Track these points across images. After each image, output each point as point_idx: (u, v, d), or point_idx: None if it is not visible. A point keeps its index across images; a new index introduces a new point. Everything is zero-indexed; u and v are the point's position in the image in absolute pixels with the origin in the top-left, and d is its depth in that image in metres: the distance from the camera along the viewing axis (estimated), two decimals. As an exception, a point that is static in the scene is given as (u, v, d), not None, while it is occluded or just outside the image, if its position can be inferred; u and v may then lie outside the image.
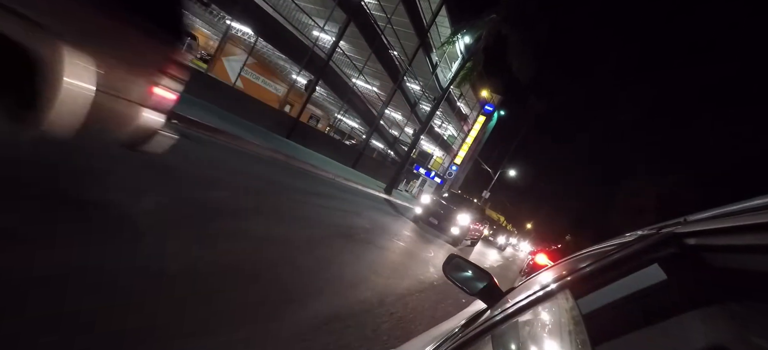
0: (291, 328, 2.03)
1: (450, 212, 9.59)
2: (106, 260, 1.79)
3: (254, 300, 2.14)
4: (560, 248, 11.92)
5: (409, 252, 5.95)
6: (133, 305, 1.60)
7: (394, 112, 23.82)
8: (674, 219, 0.68)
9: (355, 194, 9.75)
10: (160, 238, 2.26)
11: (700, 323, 0.57)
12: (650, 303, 0.63)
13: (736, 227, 0.46)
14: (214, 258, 2.35)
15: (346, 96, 14.96)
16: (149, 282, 1.80)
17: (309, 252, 3.42)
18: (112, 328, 1.43)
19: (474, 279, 1.25)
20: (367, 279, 3.44)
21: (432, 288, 4.34)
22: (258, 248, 2.90)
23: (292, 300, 2.35)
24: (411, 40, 16.97)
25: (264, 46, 13.57)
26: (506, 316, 0.78)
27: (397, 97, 19.19)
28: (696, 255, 0.56)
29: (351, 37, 15.13)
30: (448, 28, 17.03)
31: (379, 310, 2.90)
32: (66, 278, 1.54)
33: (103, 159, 2.90)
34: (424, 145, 30.25)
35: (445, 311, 3.68)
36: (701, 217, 0.57)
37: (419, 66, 19.19)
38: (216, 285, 2.09)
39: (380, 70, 16.95)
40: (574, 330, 0.54)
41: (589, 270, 0.75)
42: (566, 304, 0.65)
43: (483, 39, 13.47)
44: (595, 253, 1.09)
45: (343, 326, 2.33)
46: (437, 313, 3.55)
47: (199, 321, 1.73)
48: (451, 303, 4.03)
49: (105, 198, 2.41)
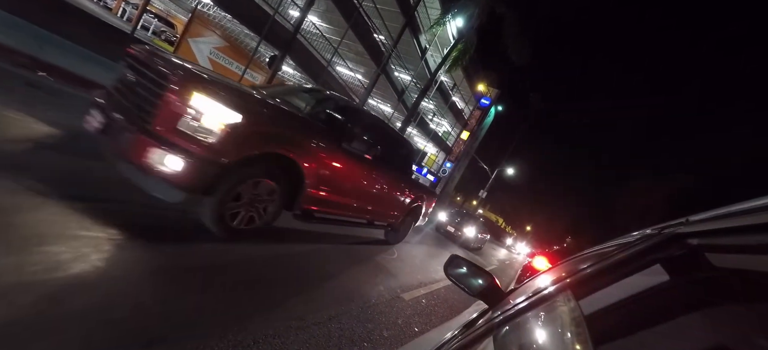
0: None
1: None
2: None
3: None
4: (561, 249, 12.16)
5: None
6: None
7: (382, 104, 23.71)
8: (676, 220, 0.71)
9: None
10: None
11: (703, 324, 0.60)
12: (653, 303, 0.66)
13: (738, 227, 0.48)
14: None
15: (321, 77, 14.71)
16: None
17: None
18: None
19: (475, 280, 1.30)
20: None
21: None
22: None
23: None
24: (397, 20, 16.75)
25: (232, 24, 13.21)
26: (508, 317, 0.81)
27: (385, 87, 19.03)
28: (699, 256, 0.58)
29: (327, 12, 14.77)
30: (437, 9, 16.89)
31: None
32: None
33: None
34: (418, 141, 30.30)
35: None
36: (704, 217, 0.59)
37: (408, 51, 19.03)
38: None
39: (362, 53, 16.61)
40: (576, 331, 0.57)
41: (591, 271, 0.79)
42: (568, 305, 0.68)
43: (476, 17, 13.44)
44: (597, 254, 1.14)
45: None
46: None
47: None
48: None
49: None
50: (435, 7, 17.66)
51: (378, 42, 16.85)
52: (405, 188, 5.59)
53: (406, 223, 6.30)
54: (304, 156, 3.12)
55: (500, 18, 13.73)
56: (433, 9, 17.97)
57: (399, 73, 20.19)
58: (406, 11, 16.36)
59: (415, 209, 6.29)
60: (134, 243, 2.28)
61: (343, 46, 15.90)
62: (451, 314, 4.35)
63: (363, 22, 15.12)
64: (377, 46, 16.84)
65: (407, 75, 20.61)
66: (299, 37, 13.20)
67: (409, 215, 6.14)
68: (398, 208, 5.59)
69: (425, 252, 7.93)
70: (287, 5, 13.70)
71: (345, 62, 16.85)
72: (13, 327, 1.36)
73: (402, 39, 16.94)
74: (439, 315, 4.19)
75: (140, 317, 1.72)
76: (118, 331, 1.58)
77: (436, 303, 4.55)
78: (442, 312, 4.33)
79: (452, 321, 1.70)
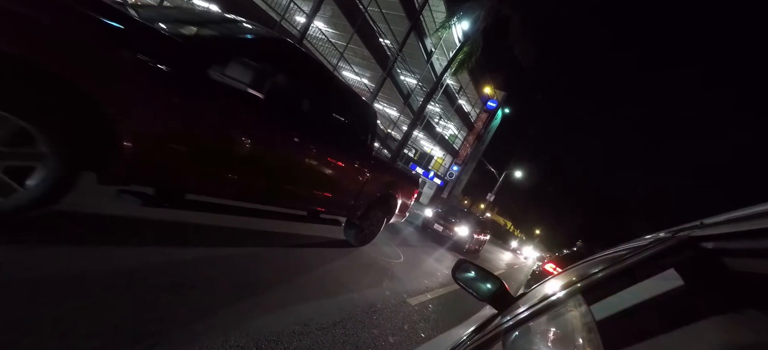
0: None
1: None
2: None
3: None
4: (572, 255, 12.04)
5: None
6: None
7: (388, 108, 23.79)
8: (690, 223, 0.70)
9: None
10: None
11: (719, 330, 0.58)
12: (666, 309, 0.65)
13: (755, 230, 0.47)
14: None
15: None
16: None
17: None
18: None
19: (484, 284, 1.29)
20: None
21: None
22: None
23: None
24: (402, 24, 16.82)
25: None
26: (517, 322, 0.80)
27: (391, 90, 19.11)
28: (714, 260, 0.57)
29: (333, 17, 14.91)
30: (443, 13, 16.94)
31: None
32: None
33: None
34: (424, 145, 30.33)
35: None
36: (718, 220, 0.59)
37: (413, 55, 19.12)
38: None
39: (368, 57, 16.73)
40: (587, 337, 0.57)
41: (602, 275, 0.78)
42: (579, 310, 0.67)
43: (481, 19, 13.43)
44: (609, 258, 1.13)
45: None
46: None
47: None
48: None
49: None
50: (440, 11, 17.74)
51: (383, 46, 16.94)
52: (362, 166, 4.01)
53: (373, 219, 4.80)
54: (107, 78, 1.70)
55: (506, 19, 13.71)
56: (438, 12, 18.06)
57: (405, 76, 20.29)
58: (412, 15, 16.44)
59: (386, 200, 4.75)
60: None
61: (349, 50, 16.03)
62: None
63: (368, 26, 15.21)
64: (383, 50, 16.94)
65: (413, 78, 20.68)
66: (306, 43, 13.33)
67: (377, 207, 4.66)
68: (351, 195, 4.00)
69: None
70: (294, 11, 13.87)
71: (351, 67, 16.96)
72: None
73: (407, 43, 17.05)
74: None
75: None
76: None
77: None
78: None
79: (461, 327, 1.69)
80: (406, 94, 20.26)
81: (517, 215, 73.71)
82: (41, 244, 1.93)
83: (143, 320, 1.74)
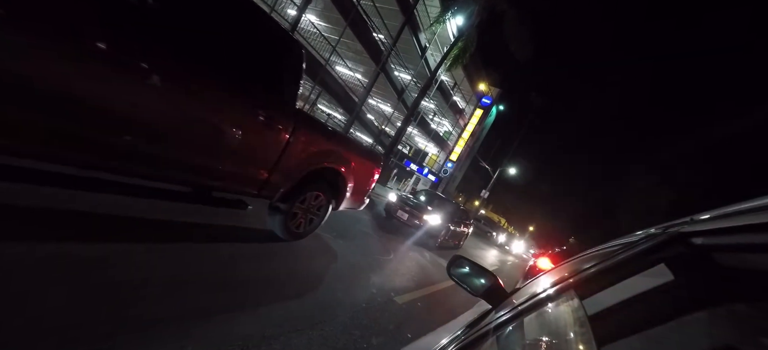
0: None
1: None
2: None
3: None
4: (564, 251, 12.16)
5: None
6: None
7: (382, 104, 23.74)
8: (681, 219, 0.72)
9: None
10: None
11: (708, 324, 0.60)
12: (657, 303, 0.66)
13: (744, 226, 0.48)
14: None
15: (318, 76, 14.71)
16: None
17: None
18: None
19: (478, 280, 1.31)
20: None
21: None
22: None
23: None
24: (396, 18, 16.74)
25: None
26: (511, 317, 0.82)
27: (384, 86, 19.05)
28: (703, 255, 0.59)
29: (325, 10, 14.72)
30: (437, 8, 16.90)
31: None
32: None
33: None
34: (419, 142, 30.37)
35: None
36: (708, 216, 0.59)
37: (407, 50, 19.06)
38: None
39: (361, 51, 16.62)
40: (579, 331, 0.58)
41: (594, 271, 0.79)
42: (572, 305, 0.69)
43: (476, 14, 13.44)
44: (600, 253, 1.15)
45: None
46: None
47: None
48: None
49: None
50: (434, 5, 17.67)
51: (377, 40, 16.86)
52: (276, 122, 2.73)
53: (310, 203, 3.55)
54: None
55: (501, 15, 13.74)
56: (432, 7, 18.00)
57: (399, 72, 20.23)
58: (406, 9, 16.38)
59: (327, 176, 3.56)
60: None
61: (342, 44, 15.92)
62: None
63: (361, 20, 15.13)
64: (376, 44, 16.85)
65: (407, 74, 20.62)
66: (296, 36, 13.23)
67: (313, 186, 3.45)
68: (259, 163, 2.77)
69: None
70: (285, 4, 13.74)
71: (344, 61, 16.85)
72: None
73: (401, 37, 16.96)
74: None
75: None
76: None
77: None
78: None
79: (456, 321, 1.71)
80: (400, 89, 20.19)
81: (512, 212, 74.49)
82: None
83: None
